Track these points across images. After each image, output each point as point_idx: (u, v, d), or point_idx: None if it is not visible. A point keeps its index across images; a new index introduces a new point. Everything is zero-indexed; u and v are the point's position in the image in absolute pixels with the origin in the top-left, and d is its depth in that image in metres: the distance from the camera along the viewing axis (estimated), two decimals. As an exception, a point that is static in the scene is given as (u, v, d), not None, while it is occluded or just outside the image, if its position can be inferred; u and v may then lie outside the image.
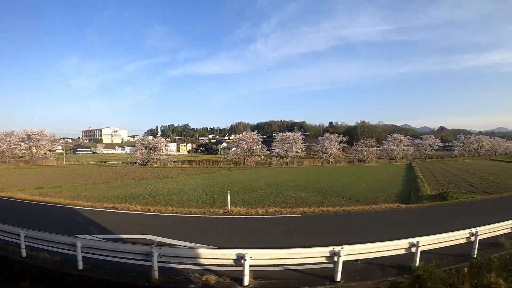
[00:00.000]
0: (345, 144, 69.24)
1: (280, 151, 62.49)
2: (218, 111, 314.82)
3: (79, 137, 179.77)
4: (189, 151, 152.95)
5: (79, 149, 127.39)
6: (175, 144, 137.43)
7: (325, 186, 23.82)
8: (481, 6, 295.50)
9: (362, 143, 67.42)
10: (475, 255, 7.00)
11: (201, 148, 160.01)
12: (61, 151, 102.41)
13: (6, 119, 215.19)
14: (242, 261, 5.71)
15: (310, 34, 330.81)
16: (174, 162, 58.87)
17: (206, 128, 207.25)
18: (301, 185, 24.67)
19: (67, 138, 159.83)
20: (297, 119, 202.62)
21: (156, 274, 5.98)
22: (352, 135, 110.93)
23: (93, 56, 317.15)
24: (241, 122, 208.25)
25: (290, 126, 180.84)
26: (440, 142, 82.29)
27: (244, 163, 57.89)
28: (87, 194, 20.55)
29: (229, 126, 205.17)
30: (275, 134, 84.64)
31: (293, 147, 61.57)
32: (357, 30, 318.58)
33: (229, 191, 15.55)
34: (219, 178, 31.47)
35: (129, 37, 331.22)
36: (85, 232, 9.56)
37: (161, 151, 59.49)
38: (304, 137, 71.37)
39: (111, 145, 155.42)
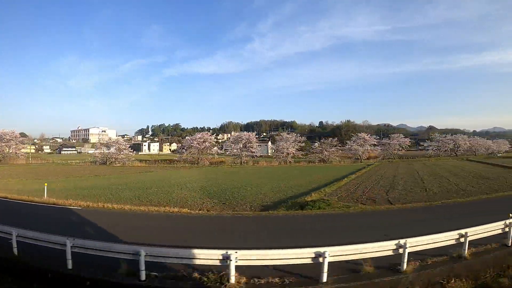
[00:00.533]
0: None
1: (234, 151, 63.47)
2: (212, 110, 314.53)
3: (69, 137, 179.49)
4: (173, 151, 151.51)
5: (64, 149, 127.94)
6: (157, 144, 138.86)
7: (226, 188, 23.48)
8: (477, 7, 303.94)
9: (323, 143, 66.51)
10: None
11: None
12: (48, 150, 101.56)
13: (3, 119, 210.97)
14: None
15: (307, 34, 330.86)
16: (132, 161, 61.49)
17: (196, 127, 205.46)
18: (203, 186, 24.92)
19: (58, 138, 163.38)
20: (288, 118, 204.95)
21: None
22: (336, 134, 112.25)
23: (90, 55, 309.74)
24: (231, 121, 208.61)
25: (280, 126, 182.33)
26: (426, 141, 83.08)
27: (198, 163, 59.18)
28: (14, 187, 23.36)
29: (219, 126, 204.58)
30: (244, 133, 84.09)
31: (247, 147, 62.40)
32: (354, 29, 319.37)
33: (46, 184, 18.68)
34: (139, 177, 34.65)
35: (126, 36, 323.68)
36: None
37: (120, 150, 61.59)
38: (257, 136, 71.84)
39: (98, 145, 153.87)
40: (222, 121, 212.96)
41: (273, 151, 67.70)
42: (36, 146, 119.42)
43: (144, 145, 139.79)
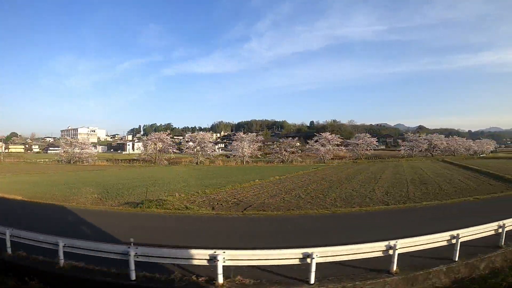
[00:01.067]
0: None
1: (190, 150, 63.98)
2: (208, 110, 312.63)
3: (59, 137, 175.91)
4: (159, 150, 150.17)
5: (50, 149, 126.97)
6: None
7: (129, 185, 23.69)
8: (474, 7, 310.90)
9: (282, 143, 64.49)
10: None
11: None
12: (37, 149, 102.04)
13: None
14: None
15: (304, 34, 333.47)
16: (95, 160, 63.03)
17: (188, 127, 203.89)
18: (111, 183, 25.63)
19: (49, 137, 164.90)
20: (281, 118, 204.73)
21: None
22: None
23: (87, 54, 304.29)
24: (222, 121, 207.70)
25: (271, 125, 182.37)
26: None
27: (155, 162, 59.87)
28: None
29: (210, 125, 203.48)
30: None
31: (202, 146, 62.70)
32: (352, 29, 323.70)
33: None
34: (80, 174, 36.50)
35: (123, 36, 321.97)
36: None
37: (84, 149, 62.52)
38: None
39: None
40: (215, 121, 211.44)
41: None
42: (26, 146, 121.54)
43: (128, 145, 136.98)
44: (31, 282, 6.42)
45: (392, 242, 6.43)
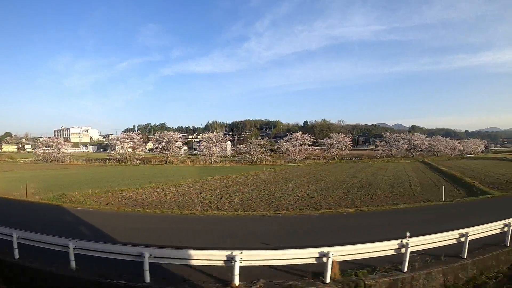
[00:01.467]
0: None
1: (158, 150, 64.75)
2: (205, 110, 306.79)
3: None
4: (150, 150, 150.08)
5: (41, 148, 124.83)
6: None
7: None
8: (470, 8, 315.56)
9: (251, 142, 63.79)
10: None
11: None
12: (30, 149, 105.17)
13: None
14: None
15: (303, 33, 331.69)
16: (70, 158, 65.03)
17: (181, 127, 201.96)
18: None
19: (41, 137, 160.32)
20: (276, 118, 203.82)
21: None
22: (310, 133, 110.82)
23: (85, 54, 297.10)
24: (215, 121, 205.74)
25: (264, 125, 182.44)
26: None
27: (126, 161, 60.81)
28: None
29: (204, 125, 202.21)
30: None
31: (169, 146, 63.58)
32: (350, 29, 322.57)
33: None
34: (42, 172, 38.33)
35: (122, 35, 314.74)
36: None
37: (60, 149, 63.71)
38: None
39: (78, 144, 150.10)
40: (209, 120, 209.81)
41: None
42: (19, 145, 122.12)
43: (117, 145, 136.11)
44: None
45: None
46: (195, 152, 76.10)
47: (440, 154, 73.21)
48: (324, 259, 5.99)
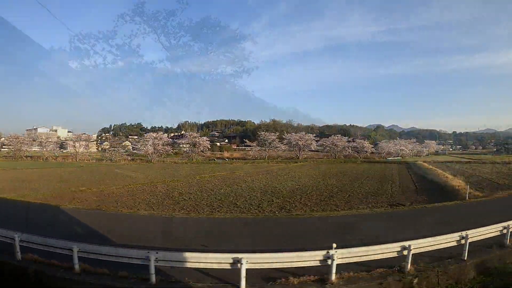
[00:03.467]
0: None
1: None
2: (189, 110, 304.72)
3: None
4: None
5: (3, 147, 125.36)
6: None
7: None
8: (469, 9, 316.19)
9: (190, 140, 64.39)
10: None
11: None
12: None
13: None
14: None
15: (299, 34, 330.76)
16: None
17: (155, 127, 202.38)
18: None
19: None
20: (244, 118, 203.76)
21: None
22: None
23: (81, 53, 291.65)
24: (187, 121, 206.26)
25: (235, 125, 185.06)
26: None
27: (77, 159, 62.75)
28: None
29: (176, 125, 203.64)
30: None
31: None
32: (348, 29, 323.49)
33: None
34: None
35: (115, 34, 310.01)
36: None
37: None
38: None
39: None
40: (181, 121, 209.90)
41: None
42: None
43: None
44: None
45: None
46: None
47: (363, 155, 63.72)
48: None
